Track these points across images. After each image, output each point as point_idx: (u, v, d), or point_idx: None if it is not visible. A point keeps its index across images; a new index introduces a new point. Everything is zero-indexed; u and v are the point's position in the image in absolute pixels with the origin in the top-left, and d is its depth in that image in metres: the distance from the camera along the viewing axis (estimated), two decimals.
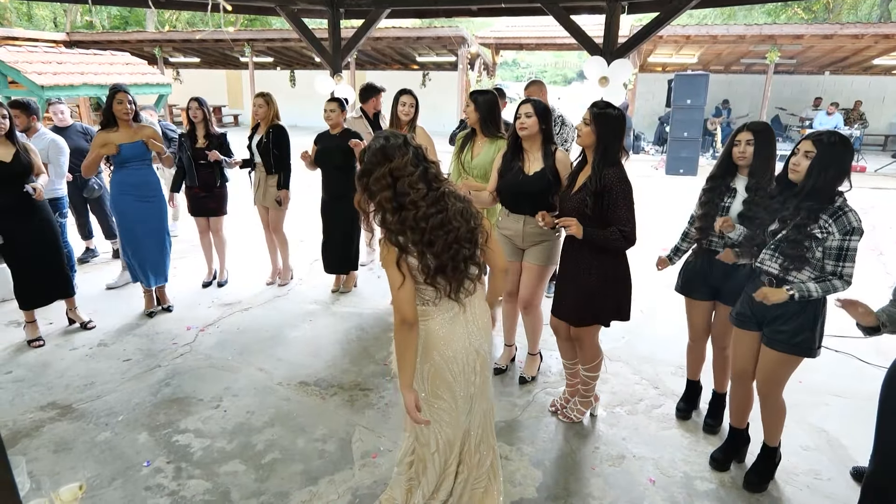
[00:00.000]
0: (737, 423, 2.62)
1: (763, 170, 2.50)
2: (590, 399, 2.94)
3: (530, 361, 3.42)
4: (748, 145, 2.50)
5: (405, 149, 1.80)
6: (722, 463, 2.61)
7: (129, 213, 4.00)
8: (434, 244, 1.78)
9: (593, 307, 2.64)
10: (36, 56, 7.70)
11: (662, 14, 4.75)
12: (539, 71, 35.36)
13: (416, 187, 1.77)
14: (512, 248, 3.13)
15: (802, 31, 11.20)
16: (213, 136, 4.44)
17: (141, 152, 3.91)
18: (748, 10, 21.32)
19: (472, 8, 5.89)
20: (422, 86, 16.51)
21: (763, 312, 2.30)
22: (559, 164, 2.88)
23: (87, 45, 14.07)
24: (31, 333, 3.74)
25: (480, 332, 1.97)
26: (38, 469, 2.54)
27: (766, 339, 2.32)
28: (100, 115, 4.03)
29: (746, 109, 13.75)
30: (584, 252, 2.57)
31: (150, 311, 4.23)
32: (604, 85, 4.70)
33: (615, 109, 2.52)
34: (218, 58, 18.10)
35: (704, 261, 2.72)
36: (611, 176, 2.44)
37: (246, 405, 3.08)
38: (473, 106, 3.37)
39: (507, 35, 14.59)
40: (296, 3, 5.56)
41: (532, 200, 2.94)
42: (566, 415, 2.95)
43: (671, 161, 10.89)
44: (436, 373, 1.93)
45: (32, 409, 3.02)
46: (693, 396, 3.08)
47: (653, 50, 13.11)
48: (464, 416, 2.00)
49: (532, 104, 2.88)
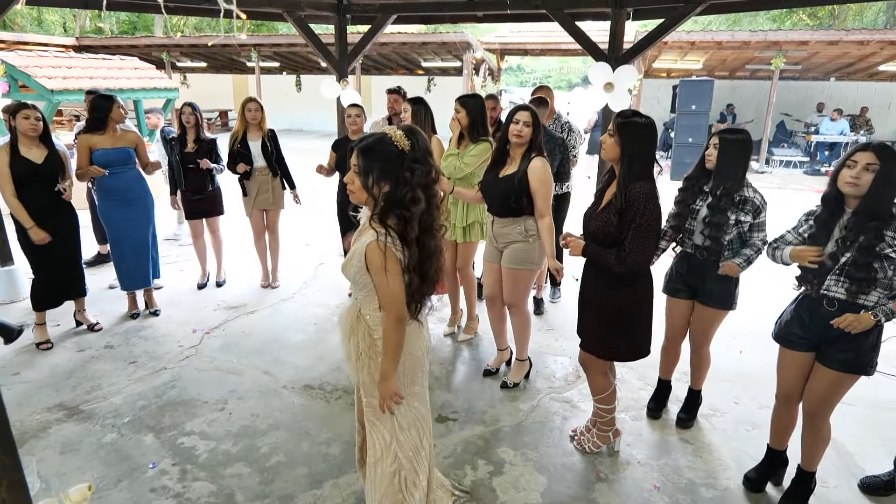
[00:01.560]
0: (776, 443, 2.52)
1: (726, 175, 2.55)
2: (607, 434, 2.72)
3: (517, 367, 3.38)
4: (714, 149, 2.58)
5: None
6: (757, 483, 2.52)
7: (115, 217, 4.02)
8: (427, 276, 1.83)
9: (602, 338, 2.49)
10: (46, 60, 7.78)
11: (668, 20, 4.76)
12: (543, 76, 35.45)
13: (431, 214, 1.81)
14: (491, 250, 3.18)
15: (808, 38, 11.19)
16: (203, 141, 4.47)
17: (124, 157, 3.91)
18: (753, 17, 21.33)
19: (477, 14, 5.91)
20: (427, 91, 16.58)
21: (822, 333, 2.19)
22: (531, 172, 2.87)
23: (96, 50, 14.19)
24: (40, 336, 3.77)
25: (427, 330, 2.06)
26: (46, 469, 2.55)
27: (825, 359, 2.21)
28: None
29: (751, 115, 13.73)
30: (602, 278, 2.42)
31: (133, 312, 4.25)
32: (609, 90, 4.71)
33: (643, 117, 2.30)
34: (225, 62, 18.21)
35: (682, 261, 2.78)
36: (637, 192, 2.22)
37: (251, 408, 3.09)
38: (465, 111, 3.40)
39: (512, 40, 14.62)
40: (303, 9, 5.60)
41: (497, 201, 3.00)
42: (580, 443, 2.78)
43: (676, 166, 10.87)
44: (416, 363, 1.98)
45: (40, 410, 3.04)
46: (663, 395, 3.13)
47: (657, 55, 13.12)
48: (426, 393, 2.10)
49: (531, 113, 2.87)
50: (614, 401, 2.68)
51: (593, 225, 2.41)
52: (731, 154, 2.54)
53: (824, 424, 2.32)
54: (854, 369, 2.17)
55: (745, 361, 3.56)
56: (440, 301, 4.39)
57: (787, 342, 2.33)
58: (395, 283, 1.76)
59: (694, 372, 2.98)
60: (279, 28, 21.04)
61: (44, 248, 3.57)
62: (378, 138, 1.75)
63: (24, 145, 3.46)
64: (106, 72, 8.30)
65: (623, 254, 2.27)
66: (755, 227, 2.60)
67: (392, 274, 1.74)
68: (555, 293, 4.79)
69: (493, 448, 2.78)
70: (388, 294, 1.77)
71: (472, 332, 3.99)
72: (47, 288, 3.71)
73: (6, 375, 3.37)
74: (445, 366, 3.61)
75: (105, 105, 3.81)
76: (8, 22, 19.03)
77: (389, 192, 1.74)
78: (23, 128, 3.41)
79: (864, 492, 2.51)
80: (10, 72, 7.27)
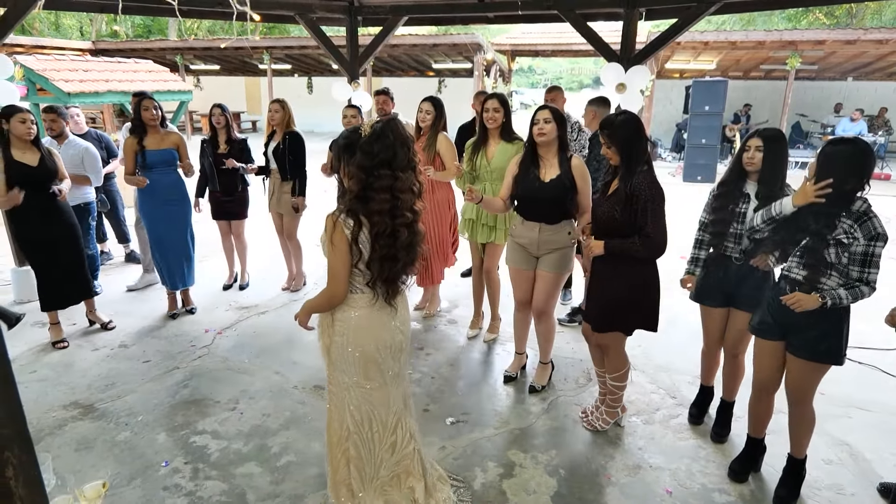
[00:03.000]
0: (754, 432, 2.59)
1: (772, 177, 2.50)
2: (616, 409, 2.92)
3: (541, 370, 3.39)
4: (757, 151, 2.51)
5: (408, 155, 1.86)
6: (739, 474, 2.57)
7: (155, 217, 4.08)
8: (397, 261, 1.88)
9: (618, 314, 2.65)
10: (63, 64, 7.90)
11: (681, 20, 4.72)
12: (554, 77, 35.32)
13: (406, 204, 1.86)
14: (525, 256, 3.11)
15: (824, 37, 11.04)
16: (235, 141, 4.51)
17: (167, 158, 3.99)
18: (768, 16, 21.09)
19: (488, 15, 5.91)
20: (437, 92, 16.59)
21: (788, 321, 2.26)
22: (575, 171, 2.90)
23: (112, 53, 14.41)
24: (56, 335, 3.83)
25: (403, 313, 2.06)
26: (61, 466, 2.59)
27: (792, 348, 2.28)
28: (122, 120, 4.14)
29: (766, 116, 13.58)
30: (613, 258, 2.57)
31: (173, 312, 4.31)
32: (621, 91, 4.68)
33: (622, 114, 2.55)
34: (237, 65, 18.38)
35: (719, 267, 2.70)
36: (640, 181, 2.44)
37: (262, 408, 3.11)
38: (504, 110, 3.47)
39: (523, 42, 14.59)
40: (314, 11, 5.64)
41: (548, 207, 2.96)
42: (591, 423, 2.93)
43: (689, 168, 10.79)
44: (367, 357, 1.97)
45: (56, 407, 3.09)
46: (705, 402, 3.08)
47: (670, 56, 13.02)
48: (392, 391, 2.06)
49: (550, 110, 2.91)
50: (627, 378, 2.86)
51: (599, 212, 2.60)
52: (776, 155, 2.50)
53: (807, 410, 2.37)
54: (817, 357, 2.22)
55: None
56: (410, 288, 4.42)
57: (760, 332, 2.39)
58: (336, 258, 1.83)
59: (727, 382, 2.91)
60: (291, 30, 21.18)
61: (41, 250, 3.62)
62: (351, 130, 1.89)
63: (17, 149, 3.48)
64: (121, 74, 8.41)
65: (647, 238, 2.44)
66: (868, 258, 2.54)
67: (336, 248, 1.82)
68: (565, 295, 4.76)
69: (503, 450, 2.77)
70: (329, 267, 1.87)
71: (496, 331, 3.99)
72: (50, 288, 3.73)
73: (24, 373, 3.42)
74: (456, 368, 3.61)
75: (133, 108, 3.89)
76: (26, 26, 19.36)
77: (351, 176, 1.85)
78: (19, 131, 3.44)
79: (884, 496, 2.47)
80: (28, 75, 7.39)
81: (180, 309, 4.37)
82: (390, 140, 1.81)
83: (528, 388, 3.34)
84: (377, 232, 1.82)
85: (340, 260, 1.84)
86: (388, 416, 2.06)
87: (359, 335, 1.94)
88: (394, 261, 1.88)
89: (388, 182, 1.81)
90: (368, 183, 1.81)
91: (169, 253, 4.15)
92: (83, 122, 5.11)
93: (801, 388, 2.32)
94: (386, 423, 2.06)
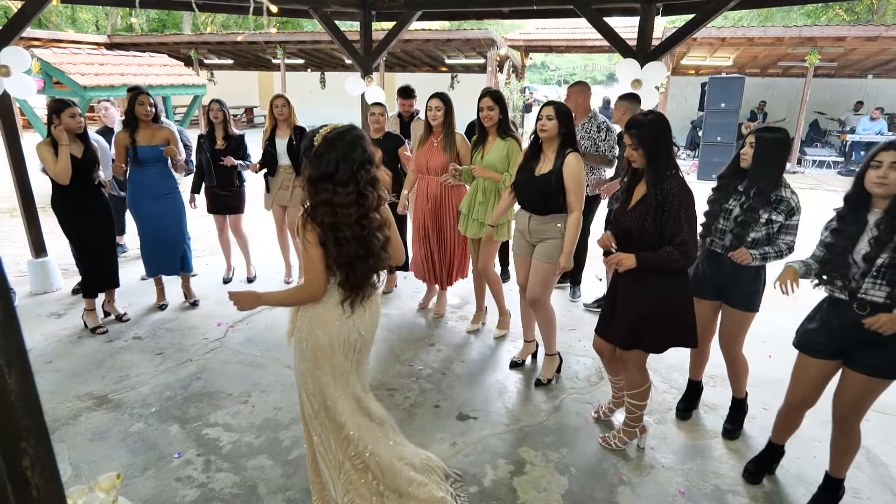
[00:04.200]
0: (778, 439, 2.54)
1: (758, 174, 2.49)
2: (634, 429, 2.73)
3: (547, 363, 3.36)
4: (750, 147, 2.50)
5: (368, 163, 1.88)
6: (754, 475, 2.54)
7: (145, 211, 4.10)
8: (356, 269, 1.90)
9: (645, 331, 2.48)
10: (79, 58, 7.98)
11: (698, 16, 4.64)
12: (568, 73, 35.07)
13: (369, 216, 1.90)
14: (522, 243, 3.18)
15: (844, 33, 10.83)
16: (232, 137, 4.51)
17: (158, 154, 3.99)
18: (786, 12, 20.75)
19: (503, 10, 5.86)
20: (450, 88, 16.56)
21: (850, 339, 2.12)
22: (565, 169, 2.87)
23: (127, 47, 14.51)
24: (93, 322, 3.95)
25: (366, 314, 2.05)
26: (75, 456, 2.62)
27: (856, 365, 2.14)
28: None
29: (783, 113, 13.38)
30: (638, 270, 2.40)
31: (161, 304, 4.37)
32: (636, 88, 4.61)
33: (650, 114, 2.41)
34: (251, 59, 18.44)
35: (710, 261, 2.70)
36: (672, 186, 2.31)
37: (273, 401, 3.13)
38: (499, 108, 3.46)
39: (537, 37, 14.50)
40: (328, 6, 5.62)
41: (536, 200, 3.00)
42: (606, 440, 2.79)
43: (703, 166, 10.66)
44: (318, 347, 1.98)
45: (71, 398, 3.13)
46: (694, 396, 3.09)
47: (686, 52, 12.86)
48: (341, 390, 2.06)
49: (554, 107, 2.91)
50: (647, 398, 2.67)
51: (628, 221, 2.42)
52: (767, 153, 2.47)
53: (854, 430, 2.25)
54: (887, 374, 2.10)
55: (774, 366, 3.46)
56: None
57: (810, 349, 2.27)
58: (308, 260, 1.89)
59: (733, 380, 2.89)
60: (304, 25, 21.23)
61: (85, 238, 3.76)
62: (310, 136, 1.90)
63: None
64: (136, 68, 8.48)
65: (685, 247, 2.30)
66: (785, 229, 2.52)
67: (308, 244, 1.87)
68: (575, 292, 4.73)
69: (513, 448, 2.76)
70: (305, 262, 1.93)
71: (506, 327, 3.98)
72: (91, 276, 3.88)
73: (40, 363, 3.47)
74: (467, 364, 3.60)
75: (128, 102, 3.92)
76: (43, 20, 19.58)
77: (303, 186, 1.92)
78: (70, 126, 3.55)
79: None
80: (45, 68, 7.47)
81: (182, 302, 4.41)
82: (334, 155, 1.82)
83: (535, 382, 3.33)
84: (324, 240, 1.85)
85: (314, 259, 1.87)
86: (336, 415, 2.05)
87: (314, 326, 1.98)
88: (352, 268, 1.90)
89: (327, 196, 1.82)
90: (314, 194, 1.85)
91: (157, 244, 4.17)
92: (114, 114, 5.13)
93: (856, 405, 2.19)
94: (335, 420, 2.05)
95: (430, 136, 3.86)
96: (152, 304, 4.39)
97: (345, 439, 2.08)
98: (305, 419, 2.12)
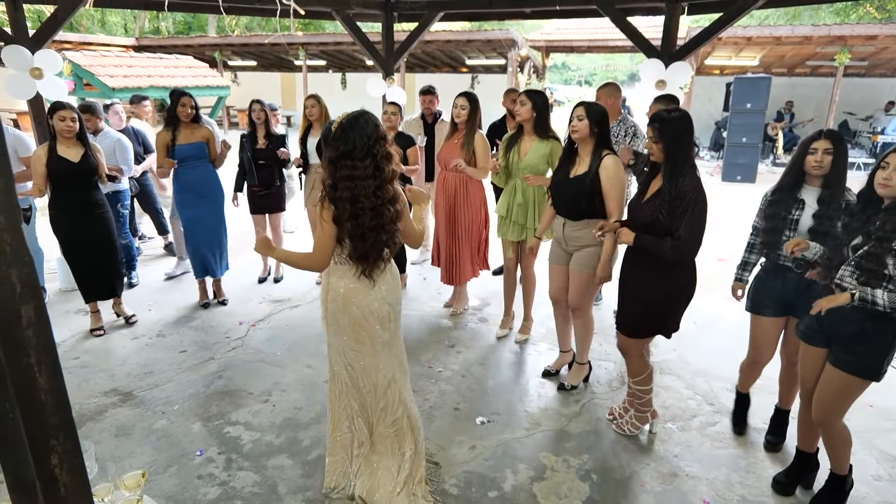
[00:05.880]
0: (804, 446, 2.47)
1: (838, 182, 2.36)
2: (646, 414, 2.84)
3: (576, 370, 3.33)
4: (826, 154, 2.33)
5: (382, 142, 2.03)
6: (785, 486, 2.46)
7: (187, 209, 4.19)
8: (366, 240, 2.04)
9: (652, 319, 2.58)
10: (108, 60, 8.17)
11: (725, 15, 4.56)
12: (589, 74, 34.76)
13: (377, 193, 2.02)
14: (559, 251, 3.12)
15: (876, 32, 10.53)
16: (274, 136, 4.58)
17: (196, 152, 4.08)
18: (814, 10, 20.26)
19: (525, 11, 5.84)
20: (470, 88, 16.54)
21: (835, 328, 2.13)
22: (602, 172, 2.81)
23: (154, 50, 14.79)
24: (94, 323, 3.96)
25: (390, 286, 2.21)
26: (101, 452, 2.66)
27: (833, 358, 2.15)
28: (164, 115, 4.23)
29: (811, 114, 13.06)
30: (647, 261, 2.50)
31: (204, 302, 4.41)
32: (661, 88, 4.55)
33: (675, 112, 2.41)
34: (273, 61, 18.67)
35: (776, 277, 2.56)
36: (686, 184, 2.34)
37: (294, 401, 3.14)
38: (531, 104, 3.36)
39: (558, 37, 14.39)
40: (351, 7, 5.66)
41: (569, 203, 2.94)
42: (620, 426, 2.88)
43: (728, 167, 10.46)
44: (356, 323, 2.17)
45: (97, 394, 3.18)
46: (744, 409, 2.98)
47: (711, 52, 12.65)
48: (384, 358, 2.24)
49: (585, 107, 2.86)
50: (651, 381, 2.78)
51: (642, 214, 2.48)
52: (845, 158, 2.38)
53: (836, 426, 2.23)
54: (860, 372, 2.08)
55: None
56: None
57: (807, 337, 2.28)
58: (322, 233, 2.05)
59: (783, 389, 2.80)
60: (326, 27, 21.43)
61: (75, 244, 3.75)
62: (326, 126, 2.10)
63: (62, 144, 3.58)
64: (163, 70, 8.65)
65: (679, 242, 2.35)
66: None
67: (323, 221, 2.04)
68: (598, 296, 4.68)
69: (534, 452, 2.73)
70: (316, 238, 2.12)
71: (528, 332, 3.95)
72: (88, 281, 3.85)
73: (67, 360, 3.54)
74: (487, 366, 3.58)
75: (171, 102, 4.01)
76: (74, 24, 20.08)
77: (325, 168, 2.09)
78: (58, 129, 3.54)
79: None
80: (75, 70, 7.66)
81: (212, 300, 4.46)
82: (351, 135, 1.99)
83: (557, 386, 3.29)
84: (340, 216, 2.01)
85: (326, 234, 2.04)
86: (377, 377, 2.24)
87: (347, 303, 2.15)
88: (362, 239, 2.04)
89: (347, 171, 1.99)
90: (334, 173, 2.02)
91: (201, 243, 4.25)
92: (123, 117, 5.25)
93: (832, 403, 2.17)
94: (377, 384, 2.25)
95: (455, 132, 3.89)
96: (176, 302, 4.46)
97: (384, 408, 2.28)
98: (337, 393, 2.32)
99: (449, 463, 2.63)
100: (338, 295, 2.16)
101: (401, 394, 2.30)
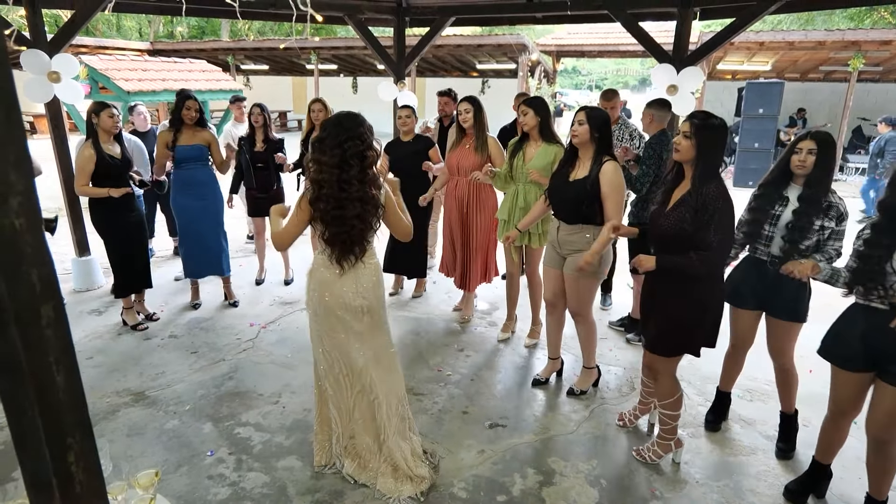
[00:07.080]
0: (821, 457, 2.43)
1: (820, 182, 2.42)
2: (669, 443, 2.66)
3: (585, 375, 3.32)
4: (810, 154, 2.41)
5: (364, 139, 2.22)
6: (797, 495, 2.44)
7: (185, 210, 4.23)
8: (329, 225, 2.24)
9: (680, 336, 2.45)
10: (123, 64, 8.28)
11: (738, 20, 4.53)
12: (599, 78, 34.69)
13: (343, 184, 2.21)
14: (552, 254, 3.13)
15: (891, 37, 10.41)
16: (272, 141, 4.63)
17: (197, 154, 4.13)
18: (828, 15, 20.10)
19: (536, 15, 5.84)
20: (481, 93, 16.55)
21: (885, 349, 2.05)
22: (602, 176, 2.81)
23: (168, 54, 14.99)
24: (132, 319, 4.09)
25: (367, 283, 2.37)
26: (114, 451, 2.68)
27: (888, 376, 2.07)
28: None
29: (824, 119, 12.92)
30: (669, 276, 2.38)
31: (195, 303, 4.47)
32: (672, 93, 4.52)
33: (717, 119, 2.33)
34: (285, 65, 18.82)
35: (752, 270, 2.62)
36: (712, 192, 2.26)
37: (303, 402, 3.16)
38: (533, 112, 3.42)
39: (569, 42, 14.37)
40: (363, 12, 5.70)
41: (567, 207, 2.95)
42: (640, 453, 2.72)
43: (739, 172, 10.39)
44: (328, 310, 2.35)
45: (110, 393, 3.22)
46: (723, 407, 3.01)
47: (723, 57, 12.57)
48: (357, 346, 2.39)
49: (586, 112, 2.88)
50: (680, 407, 2.62)
51: (665, 224, 2.38)
52: (829, 158, 2.41)
53: (893, 447, 2.14)
54: None
55: (814, 381, 3.33)
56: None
57: (845, 363, 2.20)
58: (294, 212, 2.31)
59: (782, 392, 2.80)
60: (337, 31, 21.56)
61: (119, 238, 3.85)
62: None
63: (104, 142, 3.72)
64: (177, 74, 8.75)
65: (708, 253, 2.26)
66: (834, 235, 2.45)
67: (298, 208, 2.29)
68: (605, 300, 4.66)
69: (542, 457, 2.72)
70: (289, 218, 2.37)
71: (537, 336, 3.94)
72: (125, 276, 3.97)
73: (80, 359, 3.57)
74: (496, 371, 3.57)
75: (176, 104, 4.09)
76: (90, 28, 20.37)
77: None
78: (107, 125, 3.69)
79: None
80: (91, 74, 7.77)
81: (223, 301, 4.50)
82: (328, 127, 2.21)
83: (566, 392, 3.28)
84: (312, 197, 2.25)
85: (294, 218, 2.31)
86: (351, 362, 2.39)
87: (321, 292, 2.35)
88: (326, 224, 2.24)
89: (317, 155, 2.21)
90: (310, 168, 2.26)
91: (197, 245, 4.28)
92: (148, 120, 5.32)
93: (893, 421, 2.09)
94: (353, 369, 2.40)
95: (464, 137, 3.90)
96: (187, 304, 4.50)
97: (360, 392, 2.43)
98: (318, 375, 2.51)
99: (457, 466, 2.63)
100: (315, 284, 2.37)
101: (373, 380, 2.41)
